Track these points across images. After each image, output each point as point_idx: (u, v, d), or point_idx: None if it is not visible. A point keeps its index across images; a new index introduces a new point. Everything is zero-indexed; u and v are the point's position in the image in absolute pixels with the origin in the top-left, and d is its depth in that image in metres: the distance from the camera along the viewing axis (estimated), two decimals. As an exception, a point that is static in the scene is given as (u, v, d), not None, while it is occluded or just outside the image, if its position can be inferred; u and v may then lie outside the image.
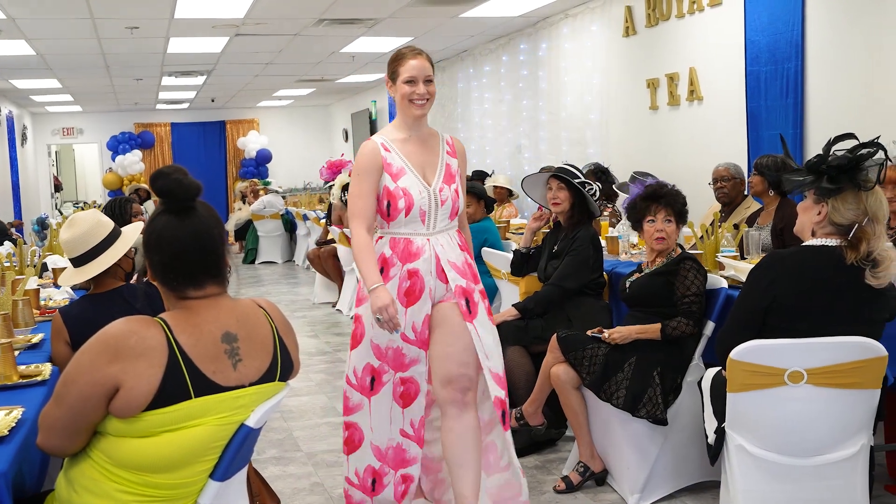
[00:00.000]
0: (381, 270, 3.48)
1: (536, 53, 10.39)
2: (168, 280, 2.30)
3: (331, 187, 11.96)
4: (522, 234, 5.71)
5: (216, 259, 2.31)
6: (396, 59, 3.54)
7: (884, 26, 5.75)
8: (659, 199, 4.19)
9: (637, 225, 4.27)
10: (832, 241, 3.11)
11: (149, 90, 15.19)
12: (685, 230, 4.46)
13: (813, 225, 3.14)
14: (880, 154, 3.08)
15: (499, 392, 3.50)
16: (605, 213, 7.12)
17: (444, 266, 3.49)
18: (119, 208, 6.12)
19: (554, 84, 10.03)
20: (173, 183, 2.29)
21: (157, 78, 13.52)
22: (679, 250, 4.22)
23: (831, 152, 3.10)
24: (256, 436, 2.42)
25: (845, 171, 3.06)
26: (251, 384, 2.31)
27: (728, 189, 6.08)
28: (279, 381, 2.40)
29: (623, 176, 7.89)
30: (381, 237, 3.55)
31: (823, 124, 6.17)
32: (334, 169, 12.00)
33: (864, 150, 3.06)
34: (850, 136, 3.16)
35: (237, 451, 2.31)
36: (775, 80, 6.61)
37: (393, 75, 3.55)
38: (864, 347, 3.01)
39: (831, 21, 6.18)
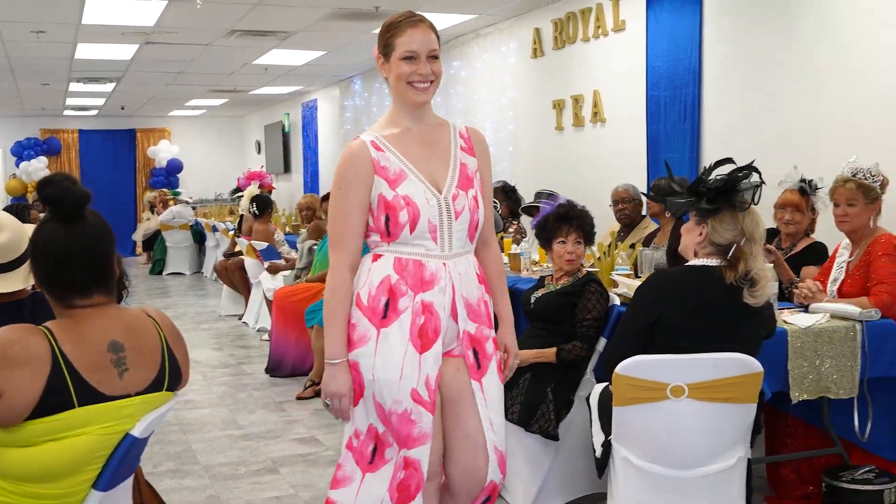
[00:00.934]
0: (387, 303, 2.66)
1: (449, 72, 10.47)
2: (54, 288, 2.29)
3: (239, 198, 11.87)
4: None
5: (104, 268, 2.30)
6: (391, 29, 2.71)
7: (773, 56, 6.00)
8: (571, 221, 4.26)
9: (547, 245, 4.33)
10: (713, 261, 3.23)
11: (56, 96, 14.86)
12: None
13: (695, 245, 3.26)
14: (755, 177, 3.21)
15: (497, 476, 2.77)
16: (511, 230, 7.23)
17: (457, 303, 2.72)
18: (17, 214, 5.97)
19: (466, 102, 10.15)
20: (61, 191, 2.28)
21: (65, 84, 13.23)
22: (584, 271, 4.31)
23: (711, 175, 3.23)
24: (142, 446, 2.41)
25: (722, 192, 3.18)
26: (137, 393, 2.30)
27: (629, 210, 6.25)
28: (167, 390, 2.39)
29: (528, 192, 8.02)
30: (380, 255, 2.71)
31: (718, 148, 6.39)
32: (252, 179, 11.88)
33: (739, 173, 3.19)
34: (729, 160, 3.29)
35: (121, 461, 2.30)
36: (674, 104, 6.82)
37: (386, 49, 2.72)
38: (741, 364, 3.13)
39: (726, 50, 6.41)
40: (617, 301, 4.19)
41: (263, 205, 9.56)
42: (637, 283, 4.17)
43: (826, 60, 5.59)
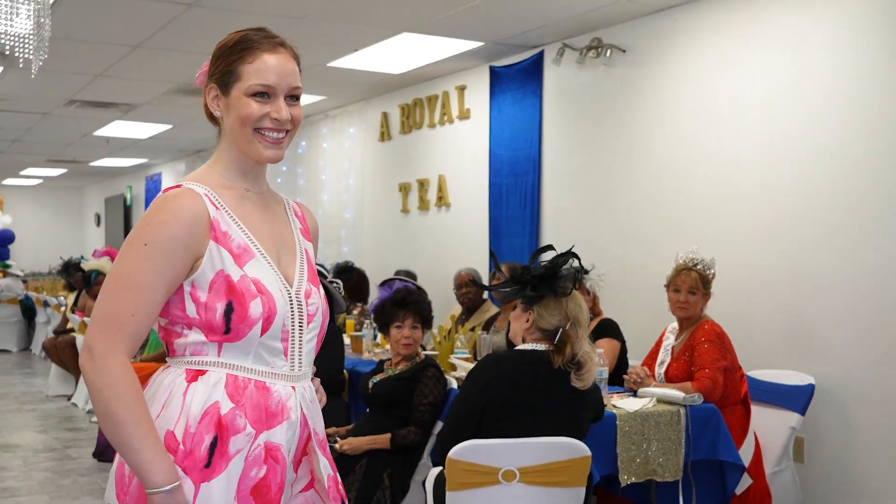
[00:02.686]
0: (214, 444, 1.83)
1: (296, 150, 10.50)
2: None
3: (68, 273, 11.39)
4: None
5: None
6: (237, 48, 1.95)
7: (607, 148, 6.30)
8: (407, 306, 4.31)
9: (384, 329, 4.36)
10: (541, 346, 3.32)
11: None
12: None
13: (523, 332, 3.35)
14: (574, 262, 3.35)
15: None
16: (355, 312, 7.22)
17: (313, 441, 1.97)
18: None
19: (312, 181, 10.15)
20: None
21: None
22: (423, 355, 4.34)
23: (535, 262, 3.35)
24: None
25: (544, 279, 3.30)
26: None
27: (472, 294, 6.36)
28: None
29: (375, 275, 8.05)
30: (202, 371, 1.87)
31: (556, 234, 6.60)
32: (107, 255, 11.40)
33: (559, 260, 3.32)
34: (550, 247, 3.45)
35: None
36: (515, 191, 7.04)
37: (225, 77, 1.95)
38: (570, 447, 3.21)
39: (564, 139, 6.69)
40: (455, 385, 4.24)
41: (88, 279, 9.27)
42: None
43: (659, 149, 5.91)
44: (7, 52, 3.91)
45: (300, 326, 1.94)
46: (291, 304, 1.92)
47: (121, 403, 1.74)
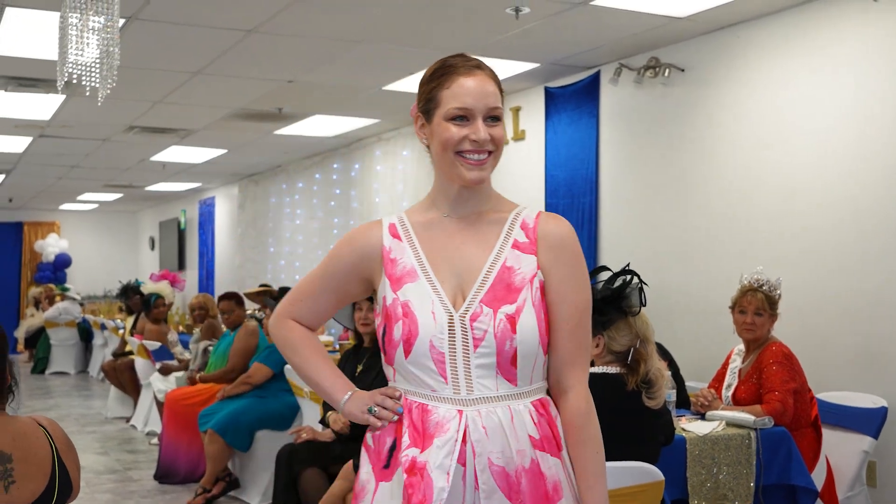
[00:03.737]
0: (393, 448, 1.95)
1: (349, 174, 10.58)
2: (-63, 396, 2.18)
3: (126, 296, 11.52)
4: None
5: None
6: (436, 76, 2.03)
7: (665, 168, 6.25)
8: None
9: None
10: (612, 369, 3.30)
11: None
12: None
13: (594, 357, 3.32)
14: (635, 280, 3.32)
15: None
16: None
17: (478, 474, 1.87)
18: None
19: (365, 204, 10.21)
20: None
21: None
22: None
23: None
24: (26, 565, 2.28)
25: (611, 301, 3.29)
26: (24, 508, 2.19)
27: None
28: (56, 504, 2.27)
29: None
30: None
31: (614, 255, 6.56)
32: (164, 278, 11.54)
33: (622, 279, 3.32)
34: (604, 268, 3.48)
35: (3, 581, 2.16)
36: (572, 212, 7.00)
37: (428, 105, 2.02)
38: (643, 472, 3.16)
39: (622, 160, 6.65)
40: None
41: (147, 302, 9.40)
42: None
43: (718, 169, 5.85)
44: (74, 81, 3.98)
45: (464, 349, 1.90)
46: (452, 326, 1.90)
47: (290, 349, 2.11)
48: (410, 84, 7.37)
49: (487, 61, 2.12)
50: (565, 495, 1.95)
